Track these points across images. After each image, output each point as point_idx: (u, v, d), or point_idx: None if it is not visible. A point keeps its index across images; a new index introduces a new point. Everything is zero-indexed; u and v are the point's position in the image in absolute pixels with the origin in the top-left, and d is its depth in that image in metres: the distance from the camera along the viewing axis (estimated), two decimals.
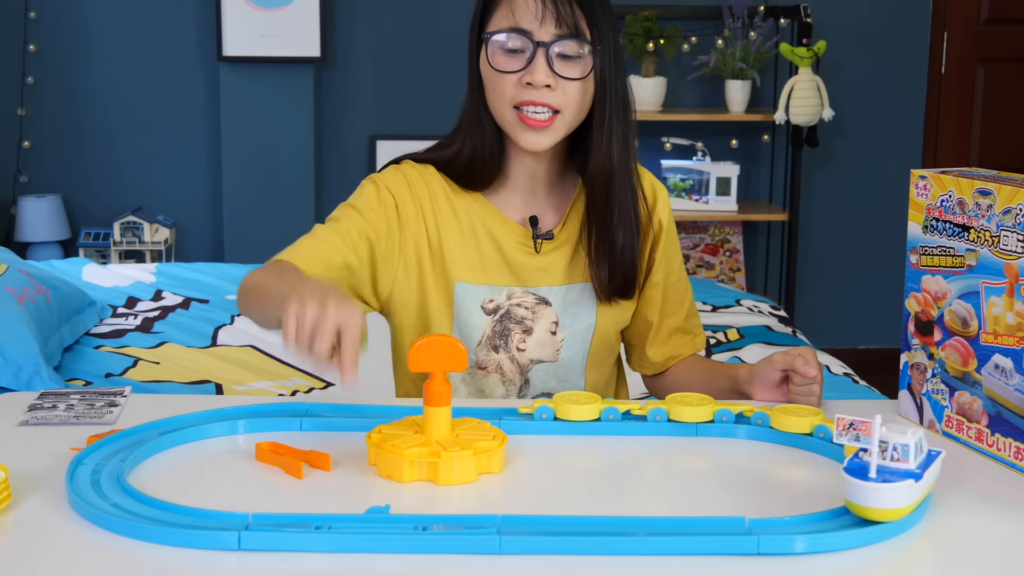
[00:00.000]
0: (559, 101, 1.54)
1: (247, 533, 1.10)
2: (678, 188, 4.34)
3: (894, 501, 1.12)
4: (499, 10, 1.56)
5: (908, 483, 1.12)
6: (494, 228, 1.64)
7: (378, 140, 4.44)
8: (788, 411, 1.43)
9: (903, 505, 1.12)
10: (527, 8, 1.53)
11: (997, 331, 1.33)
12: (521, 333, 1.65)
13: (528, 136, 1.55)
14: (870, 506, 1.12)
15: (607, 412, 1.44)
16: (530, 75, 1.53)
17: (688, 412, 1.43)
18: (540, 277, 1.65)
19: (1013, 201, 1.30)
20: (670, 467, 1.37)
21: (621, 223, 1.61)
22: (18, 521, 1.17)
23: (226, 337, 2.87)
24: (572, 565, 1.09)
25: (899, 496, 1.12)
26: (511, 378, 1.67)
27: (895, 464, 1.13)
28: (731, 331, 3.00)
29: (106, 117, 4.44)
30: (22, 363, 2.37)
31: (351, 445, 1.36)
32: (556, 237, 1.65)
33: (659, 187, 1.72)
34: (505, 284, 1.65)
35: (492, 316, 1.65)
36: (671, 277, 1.73)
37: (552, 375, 1.68)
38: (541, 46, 1.53)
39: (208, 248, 4.54)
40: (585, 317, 1.67)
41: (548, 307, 1.66)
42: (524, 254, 1.64)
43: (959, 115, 4.61)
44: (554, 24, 1.52)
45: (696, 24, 4.40)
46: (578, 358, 1.68)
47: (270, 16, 4.25)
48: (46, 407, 1.51)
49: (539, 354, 1.67)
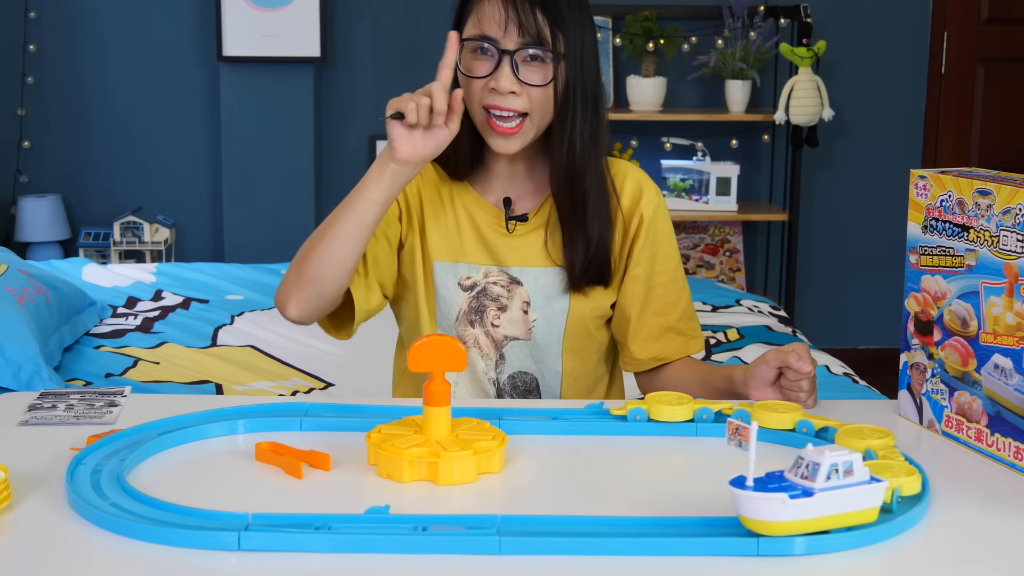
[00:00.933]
0: (525, 105, 1.61)
1: (247, 533, 1.10)
2: (678, 188, 4.34)
3: (763, 513, 1.09)
4: (471, 17, 1.63)
5: (781, 497, 1.08)
6: (473, 209, 1.72)
7: (378, 140, 4.44)
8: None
9: (777, 519, 1.08)
10: (492, 18, 1.60)
11: (997, 331, 1.33)
12: (496, 310, 1.72)
13: (497, 141, 1.64)
14: (741, 513, 1.10)
15: (700, 412, 1.45)
16: (495, 81, 1.60)
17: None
18: (514, 257, 1.71)
19: (1013, 201, 1.30)
20: (670, 467, 1.37)
21: (596, 216, 1.67)
22: (18, 521, 1.17)
23: (226, 337, 2.87)
24: (572, 565, 1.09)
25: (768, 509, 1.08)
26: (487, 352, 1.73)
27: (801, 480, 1.10)
28: (731, 331, 3.00)
29: (106, 117, 4.44)
30: (22, 363, 2.37)
31: (351, 445, 1.36)
32: (531, 220, 1.72)
33: (647, 184, 1.75)
34: (482, 263, 1.72)
35: (469, 292, 1.72)
36: (662, 276, 1.74)
37: (527, 354, 1.73)
38: (506, 54, 1.60)
39: (208, 248, 4.54)
40: (559, 300, 1.71)
41: (520, 287, 1.72)
42: (499, 234, 1.72)
43: (959, 115, 4.61)
44: (517, 32, 1.59)
45: (696, 24, 4.40)
46: (553, 340, 1.72)
47: (270, 16, 4.25)
48: (46, 407, 1.51)
49: (512, 331, 1.72)
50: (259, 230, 4.36)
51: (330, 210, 1.67)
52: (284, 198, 4.36)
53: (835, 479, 1.10)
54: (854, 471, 1.11)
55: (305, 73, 4.32)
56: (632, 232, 1.72)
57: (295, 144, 4.34)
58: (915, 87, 4.60)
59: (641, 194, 1.73)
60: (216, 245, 4.52)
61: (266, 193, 4.35)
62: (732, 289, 3.63)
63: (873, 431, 1.34)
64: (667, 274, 1.75)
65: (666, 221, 1.76)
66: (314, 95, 4.35)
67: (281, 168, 4.35)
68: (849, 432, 1.33)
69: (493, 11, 1.60)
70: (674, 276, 1.76)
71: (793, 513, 1.09)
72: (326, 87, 4.46)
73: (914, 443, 1.43)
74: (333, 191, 4.44)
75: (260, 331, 2.90)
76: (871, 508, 1.13)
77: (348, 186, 1.65)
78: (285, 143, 4.34)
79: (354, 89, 4.47)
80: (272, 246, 4.31)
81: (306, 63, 4.30)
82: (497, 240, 1.71)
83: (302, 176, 4.36)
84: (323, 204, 4.42)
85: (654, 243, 1.73)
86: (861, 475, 1.12)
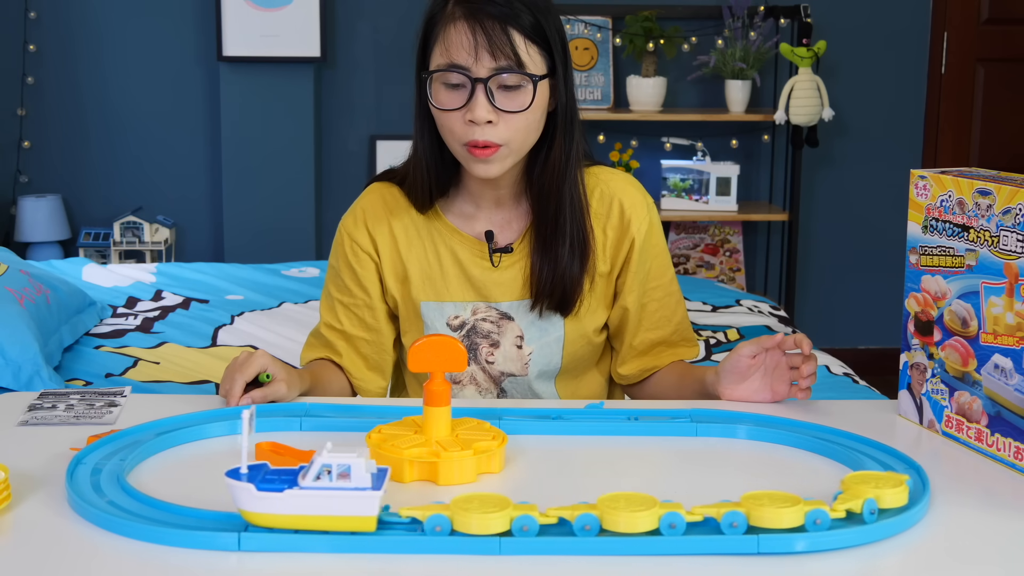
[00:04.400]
0: (503, 136, 1.52)
1: (247, 533, 1.10)
2: (678, 188, 4.34)
3: (240, 502, 1.10)
4: (437, 46, 1.53)
5: (249, 488, 1.09)
6: (454, 245, 1.65)
7: (378, 140, 4.44)
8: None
9: (250, 509, 1.10)
10: (460, 44, 1.50)
11: (997, 331, 1.33)
12: (488, 347, 1.66)
13: (478, 167, 1.55)
14: (235, 503, 1.12)
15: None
16: (471, 112, 1.50)
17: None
18: (501, 292, 1.65)
19: (1013, 201, 1.30)
20: (670, 467, 1.37)
21: (567, 243, 1.60)
22: (18, 521, 1.17)
23: (226, 337, 2.87)
24: (572, 565, 1.09)
25: (242, 498, 1.10)
26: (486, 387, 1.68)
27: (304, 479, 1.10)
28: (731, 331, 3.00)
29: (106, 117, 4.44)
30: (22, 363, 2.37)
31: (351, 445, 1.36)
32: (516, 250, 1.64)
33: (637, 202, 1.66)
34: (468, 300, 1.65)
35: (459, 332, 1.66)
36: (656, 292, 1.69)
37: (527, 387, 1.69)
38: (479, 82, 1.50)
39: (208, 248, 4.54)
40: (553, 329, 1.66)
41: (511, 322, 1.65)
42: (483, 269, 1.64)
43: (959, 115, 4.61)
44: (490, 58, 1.49)
45: (696, 24, 4.40)
46: (551, 370, 1.67)
47: (270, 16, 4.25)
48: (46, 407, 1.51)
49: (508, 367, 1.67)
50: (259, 230, 4.35)
51: (330, 210, 1.67)
52: (284, 198, 4.35)
53: (325, 480, 1.10)
54: (351, 476, 1.10)
55: (305, 73, 4.32)
56: (622, 259, 1.66)
57: (295, 144, 4.34)
58: (915, 87, 4.60)
59: (631, 219, 1.65)
60: (216, 245, 4.52)
61: (266, 193, 4.35)
62: (732, 289, 3.62)
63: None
64: (660, 289, 1.70)
65: (658, 236, 1.69)
66: (314, 95, 4.35)
67: (281, 168, 4.35)
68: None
69: (460, 36, 1.50)
70: (668, 291, 1.71)
71: (264, 506, 1.09)
72: (326, 87, 4.46)
73: (914, 443, 1.43)
74: (333, 191, 4.44)
75: (260, 331, 2.90)
76: (366, 516, 1.10)
77: (348, 186, 1.66)
78: (285, 143, 4.33)
79: (354, 89, 4.47)
80: (272, 246, 4.31)
81: (306, 63, 4.30)
82: (483, 276, 1.64)
83: (302, 176, 4.36)
84: (323, 204, 4.42)
85: (646, 262, 1.68)
86: (360, 481, 1.10)
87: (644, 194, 1.70)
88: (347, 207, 1.73)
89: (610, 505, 1.12)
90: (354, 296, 1.69)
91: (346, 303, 1.69)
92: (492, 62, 1.49)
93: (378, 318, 1.69)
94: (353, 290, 1.69)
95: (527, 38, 1.51)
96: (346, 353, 1.70)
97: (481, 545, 1.10)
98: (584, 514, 1.11)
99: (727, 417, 1.47)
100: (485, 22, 1.49)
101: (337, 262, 1.70)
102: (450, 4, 1.53)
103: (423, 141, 1.60)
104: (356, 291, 1.69)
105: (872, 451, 1.36)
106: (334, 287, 1.71)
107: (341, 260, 1.70)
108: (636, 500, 1.13)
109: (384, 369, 1.71)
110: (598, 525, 1.11)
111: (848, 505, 1.14)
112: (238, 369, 1.49)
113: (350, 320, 1.69)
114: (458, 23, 1.50)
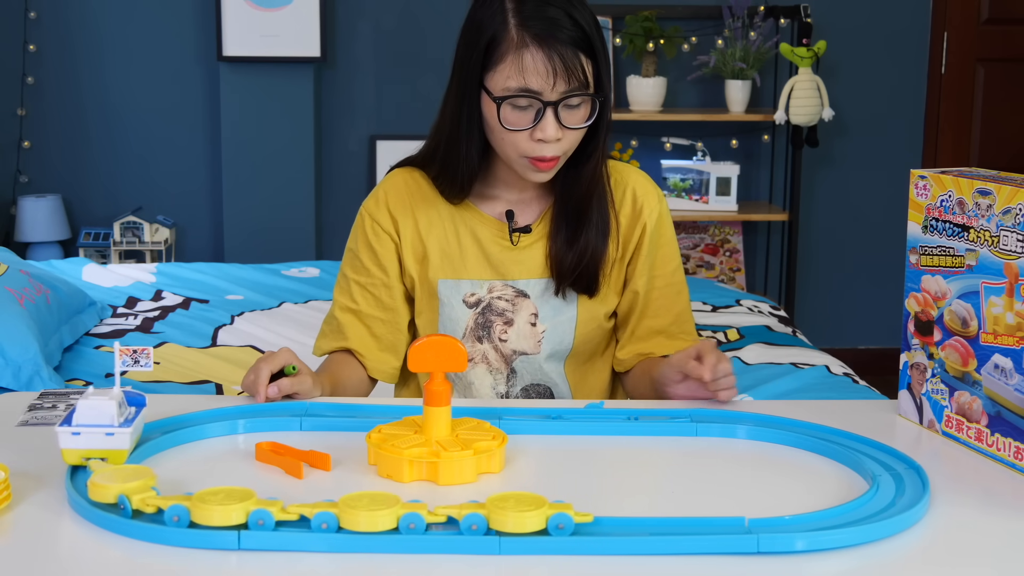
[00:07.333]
0: (564, 148, 1.58)
1: (247, 533, 1.10)
2: (678, 188, 4.34)
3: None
4: (504, 63, 1.54)
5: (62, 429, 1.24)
6: (474, 224, 1.69)
7: (378, 140, 4.43)
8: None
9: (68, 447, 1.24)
10: (536, 71, 1.53)
11: (997, 331, 1.33)
12: (503, 324, 1.70)
13: (537, 176, 1.61)
14: None
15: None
16: (541, 132, 1.54)
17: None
18: (518, 270, 1.69)
19: (1013, 201, 1.30)
20: (669, 467, 1.37)
21: (594, 226, 1.66)
22: (18, 521, 1.17)
23: (226, 337, 2.87)
24: (572, 565, 1.09)
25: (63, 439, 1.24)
26: (497, 367, 1.71)
27: None
28: (731, 331, 3.00)
29: (106, 117, 4.44)
30: (22, 363, 2.37)
31: (351, 445, 1.36)
32: (534, 230, 1.69)
33: (649, 192, 1.73)
34: (485, 278, 1.69)
35: (474, 309, 1.69)
36: (659, 280, 1.73)
37: (538, 367, 1.71)
38: (550, 105, 1.54)
39: (208, 248, 4.54)
40: (567, 309, 1.69)
41: (527, 299, 1.69)
42: (502, 248, 1.69)
43: (959, 115, 4.61)
44: (564, 83, 1.53)
45: (696, 24, 4.40)
46: (563, 349, 1.71)
47: (270, 16, 4.25)
48: (46, 407, 1.51)
49: (521, 345, 1.70)
50: (259, 230, 4.35)
51: (330, 210, 1.68)
52: (284, 198, 4.35)
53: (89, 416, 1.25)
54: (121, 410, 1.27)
55: (305, 73, 4.32)
56: (633, 245, 1.71)
57: (295, 144, 4.34)
58: (915, 87, 4.60)
59: (643, 205, 1.72)
60: (216, 245, 4.52)
61: (266, 193, 4.35)
62: (732, 289, 3.62)
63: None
64: (664, 277, 1.73)
65: (668, 227, 1.74)
66: (314, 95, 4.35)
67: (281, 168, 4.34)
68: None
69: (537, 64, 1.52)
70: (670, 280, 1.74)
71: (62, 442, 1.24)
72: (326, 87, 4.46)
73: (914, 443, 1.43)
74: (333, 191, 4.43)
75: (260, 331, 2.90)
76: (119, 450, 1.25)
77: (348, 186, 1.67)
78: (285, 143, 4.33)
79: (354, 89, 4.47)
80: (272, 246, 4.30)
81: (306, 63, 4.30)
82: (501, 254, 1.69)
83: (302, 176, 4.35)
84: (323, 204, 4.42)
85: (655, 249, 1.73)
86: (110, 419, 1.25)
87: (655, 185, 1.77)
88: (347, 207, 1.75)
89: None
90: (372, 276, 1.72)
91: (363, 283, 1.72)
92: (565, 86, 1.54)
93: (395, 297, 1.72)
94: (371, 269, 1.71)
95: (589, 58, 1.55)
96: (358, 335, 1.72)
97: (481, 545, 1.09)
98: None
99: (727, 417, 1.47)
100: (558, 48, 1.52)
101: (356, 244, 1.74)
102: (512, 27, 1.54)
103: (471, 146, 1.62)
104: (374, 270, 1.71)
105: (872, 451, 1.36)
106: (350, 269, 1.74)
107: (360, 241, 1.73)
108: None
109: (398, 349, 1.74)
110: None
111: None
112: (265, 360, 1.52)
113: (366, 300, 1.72)
114: (532, 50, 1.52)
